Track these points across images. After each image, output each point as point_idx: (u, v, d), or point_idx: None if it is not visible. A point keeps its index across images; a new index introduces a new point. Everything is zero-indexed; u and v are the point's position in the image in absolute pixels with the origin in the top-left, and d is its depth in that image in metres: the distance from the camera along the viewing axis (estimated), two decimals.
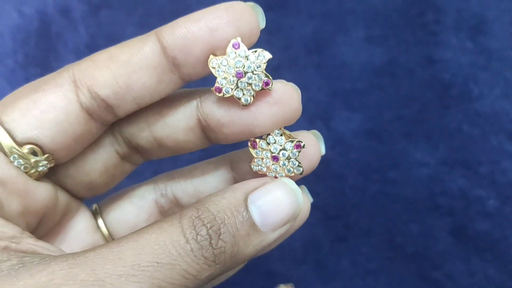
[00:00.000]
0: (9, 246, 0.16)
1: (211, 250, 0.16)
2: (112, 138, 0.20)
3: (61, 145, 0.18)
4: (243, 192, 0.17)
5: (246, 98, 0.17)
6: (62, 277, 0.14)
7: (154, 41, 0.17)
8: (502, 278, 0.36)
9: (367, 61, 0.38)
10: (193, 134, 0.19)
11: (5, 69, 0.41)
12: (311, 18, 0.39)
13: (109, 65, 0.17)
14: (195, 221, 0.16)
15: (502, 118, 0.36)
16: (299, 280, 0.38)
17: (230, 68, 0.17)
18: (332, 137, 0.38)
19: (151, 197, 0.22)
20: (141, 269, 0.15)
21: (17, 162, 0.18)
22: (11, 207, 0.18)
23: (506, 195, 0.36)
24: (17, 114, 0.17)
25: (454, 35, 0.37)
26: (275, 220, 0.17)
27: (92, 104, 0.18)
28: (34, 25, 0.41)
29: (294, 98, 0.18)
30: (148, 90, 0.18)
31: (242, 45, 0.17)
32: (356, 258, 0.38)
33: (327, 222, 0.38)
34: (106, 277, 0.14)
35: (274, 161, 0.18)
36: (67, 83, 0.18)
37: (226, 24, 0.17)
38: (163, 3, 0.40)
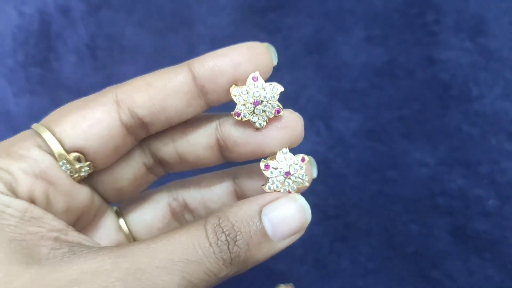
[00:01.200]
0: (59, 237, 0.19)
1: (229, 253, 0.19)
2: (141, 151, 0.24)
3: (102, 155, 0.21)
4: (259, 205, 0.20)
5: (260, 123, 0.21)
6: (110, 265, 0.17)
7: (186, 71, 0.21)
8: (501, 277, 0.36)
9: (367, 61, 0.38)
10: (211, 152, 0.22)
11: (5, 69, 0.41)
12: (311, 18, 0.39)
13: (147, 89, 0.21)
14: (217, 228, 0.19)
15: (502, 118, 0.36)
16: (299, 280, 0.38)
17: (249, 96, 0.21)
18: (332, 137, 0.38)
19: (165, 201, 0.25)
20: (174, 263, 0.18)
21: (64, 167, 0.21)
22: (58, 205, 0.21)
23: (506, 195, 0.36)
24: (68, 126, 0.20)
25: (454, 35, 0.37)
26: (284, 231, 0.20)
27: (131, 121, 0.21)
28: (34, 25, 0.41)
29: (299, 124, 0.22)
30: (178, 112, 0.21)
31: (260, 78, 0.21)
32: (355, 257, 0.38)
33: (327, 221, 0.38)
34: (146, 267, 0.17)
35: (287, 176, 0.21)
36: (110, 102, 0.21)
37: (247, 60, 0.20)
38: (163, 3, 0.40)
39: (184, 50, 0.40)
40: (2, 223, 0.18)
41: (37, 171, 0.20)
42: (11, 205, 0.19)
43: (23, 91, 0.41)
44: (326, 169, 0.38)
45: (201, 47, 0.40)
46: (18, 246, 0.18)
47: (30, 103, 0.41)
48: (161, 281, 0.17)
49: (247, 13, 0.40)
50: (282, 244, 0.20)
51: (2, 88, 0.41)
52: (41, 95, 0.41)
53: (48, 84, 0.41)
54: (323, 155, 0.38)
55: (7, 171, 0.19)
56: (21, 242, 0.18)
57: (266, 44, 0.21)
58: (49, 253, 0.18)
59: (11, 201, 0.19)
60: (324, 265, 0.38)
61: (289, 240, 0.20)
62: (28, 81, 0.41)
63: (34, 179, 0.20)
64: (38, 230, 0.19)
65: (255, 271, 0.39)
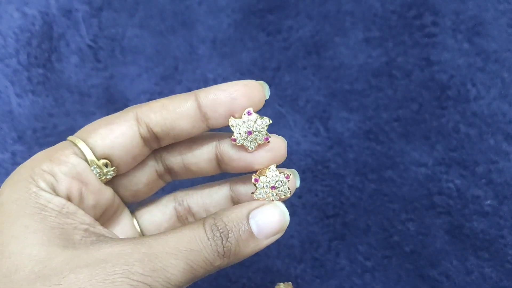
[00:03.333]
0: (89, 229, 0.24)
1: (222, 247, 0.23)
2: (154, 161, 0.28)
3: (124, 161, 0.26)
4: (247, 210, 0.25)
5: (251, 147, 0.26)
6: (130, 249, 0.22)
7: (193, 99, 0.25)
8: (498, 277, 0.36)
9: (366, 62, 0.38)
10: (210, 164, 0.27)
11: (8, 70, 0.41)
12: (310, 20, 0.39)
13: (161, 111, 0.25)
14: (213, 226, 0.24)
15: (499, 119, 0.36)
16: (297, 278, 0.38)
17: (243, 128, 0.25)
18: (331, 137, 0.38)
19: (172, 205, 0.30)
20: (180, 251, 0.22)
21: (95, 170, 0.25)
22: (89, 202, 0.25)
23: (503, 195, 0.36)
24: (98, 137, 0.25)
25: (452, 37, 0.37)
26: (267, 231, 0.24)
27: (147, 135, 0.26)
28: (36, 26, 0.41)
29: (282, 147, 0.26)
30: (184, 131, 0.26)
31: (253, 113, 0.25)
32: (353, 256, 0.38)
33: (325, 221, 0.38)
34: (159, 252, 0.22)
35: (272, 189, 0.26)
36: (132, 119, 0.26)
37: (242, 95, 0.25)
38: (164, 4, 0.41)
39: (184, 51, 0.41)
40: (45, 214, 0.22)
41: (74, 173, 0.24)
42: (52, 201, 0.23)
43: (25, 91, 0.41)
44: (325, 169, 0.38)
45: (202, 48, 0.40)
46: (57, 232, 0.22)
47: (33, 104, 0.41)
48: (170, 264, 0.22)
49: (247, 15, 0.40)
50: (266, 242, 0.25)
51: (5, 89, 0.41)
52: (43, 96, 0.41)
53: (50, 85, 0.41)
54: (321, 155, 0.38)
55: (51, 173, 0.24)
56: (60, 230, 0.22)
57: (260, 82, 0.26)
58: (81, 239, 0.23)
59: (52, 198, 0.23)
60: (322, 264, 0.38)
61: (271, 239, 0.25)
62: (31, 81, 0.41)
63: (71, 180, 0.24)
64: (72, 222, 0.23)
65: (254, 269, 0.40)
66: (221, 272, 0.39)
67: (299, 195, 0.39)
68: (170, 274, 0.22)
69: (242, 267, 0.39)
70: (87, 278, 0.20)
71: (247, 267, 0.39)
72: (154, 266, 0.21)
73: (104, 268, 0.21)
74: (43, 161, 0.24)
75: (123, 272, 0.21)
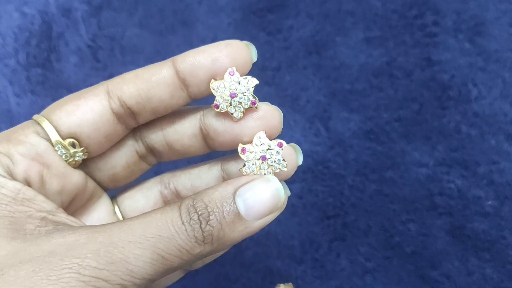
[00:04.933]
0: (47, 217, 0.21)
1: (201, 232, 0.20)
2: (134, 140, 0.26)
3: (95, 141, 0.23)
4: (233, 187, 0.21)
5: (237, 114, 0.22)
6: (86, 238, 0.19)
7: (170, 65, 0.23)
8: (499, 278, 0.36)
9: (366, 62, 0.38)
10: (196, 140, 0.24)
11: (7, 69, 0.41)
12: (310, 19, 0.39)
13: (134, 81, 0.23)
14: (190, 208, 0.20)
15: (501, 119, 0.36)
16: (297, 279, 0.38)
17: (226, 89, 0.22)
18: (331, 137, 0.38)
19: (157, 189, 0.27)
20: (146, 239, 0.19)
21: (60, 151, 0.23)
22: (52, 186, 0.23)
23: (504, 195, 0.36)
24: (63, 114, 0.23)
25: (453, 37, 0.37)
26: (257, 211, 0.21)
27: (120, 110, 0.23)
28: (35, 25, 0.41)
29: (276, 116, 0.23)
30: (163, 103, 0.23)
31: (236, 73, 0.22)
32: (354, 257, 0.38)
33: (326, 221, 0.38)
34: (119, 241, 0.19)
35: (263, 160, 0.22)
36: (102, 93, 0.23)
37: (224, 56, 0.22)
38: (164, 3, 0.41)
39: (184, 51, 0.40)
40: None
41: (33, 154, 0.22)
42: (6, 186, 0.21)
43: (24, 91, 0.41)
44: (325, 169, 0.38)
45: None
46: (6, 222, 0.20)
47: (32, 103, 0.41)
48: (132, 254, 0.19)
49: (247, 14, 0.40)
50: (258, 224, 0.21)
51: (4, 88, 0.41)
52: (42, 95, 0.41)
53: (49, 85, 0.41)
54: (322, 155, 0.38)
55: (6, 155, 0.21)
56: (10, 219, 0.20)
57: (245, 42, 0.23)
58: (35, 229, 0.20)
59: (6, 182, 0.21)
60: (323, 265, 0.38)
61: (263, 220, 0.21)
62: (30, 81, 0.41)
63: (30, 162, 0.22)
64: (27, 210, 0.21)
65: (254, 270, 0.40)
66: (221, 272, 0.39)
67: (300, 196, 0.39)
68: (133, 266, 0.19)
69: (242, 267, 0.39)
70: (28, 274, 0.18)
71: (247, 268, 0.39)
72: (112, 258, 0.18)
73: (49, 263, 0.18)
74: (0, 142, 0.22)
75: (73, 267, 0.18)
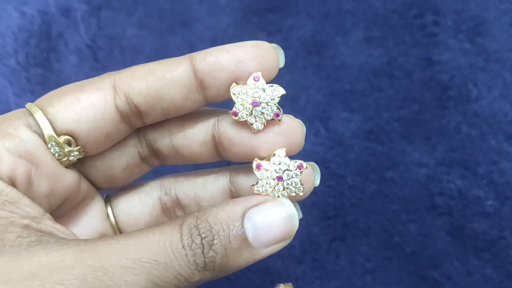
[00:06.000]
0: (30, 225, 0.18)
1: (203, 258, 0.17)
2: (137, 140, 0.23)
3: (93, 140, 0.20)
4: (243, 207, 0.19)
5: (257, 125, 0.20)
6: (72, 260, 0.16)
7: (187, 63, 0.20)
8: (500, 278, 0.36)
9: (366, 62, 0.38)
10: (206, 148, 0.22)
11: (6, 69, 0.41)
12: (310, 19, 0.39)
13: (146, 77, 0.20)
14: (193, 229, 0.18)
15: (501, 119, 0.36)
16: (297, 279, 0.38)
17: (248, 97, 0.20)
18: (331, 137, 0.38)
19: (156, 194, 0.24)
20: (141, 264, 0.17)
21: (53, 149, 0.20)
22: (40, 188, 0.20)
23: (505, 196, 0.36)
24: (61, 107, 0.20)
25: (453, 36, 0.37)
26: (268, 238, 0.19)
27: (126, 109, 0.20)
28: (35, 25, 0.41)
29: (299, 132, 0.21)
30: (175, 104, 0.20)
31: (262, 79, 0.20)
32: (354, 257, 0.38)
33: (326, 221, 0.38)
34: (110, 265, 0.16)
35: (278, 181, 0.20)
36: (107, 87, 0.20)
37: (250, 58, 0.20)
38: (164, 3, 0.41)
39: (184, 51, 0.40)
40: None
41: (21, 150, 0.19)
42: None
43: (24, 91, 0.41)
44: (325, 170, 0.38)
45: (201, 48, 0.40)
46: None
47: None
48: (124, 281, 0.16)
49: (247, 14, 0.40)
50: (265, 252, 0.19)
51: (3, 88, 0.41)
52: (42, 96, 0.41)
53: (49, 85, 0.41)
54: (322, 155, 0.38)
55: None
56: None
57: (273, 44, 0.21)
58: (15, 240, 0.17)
59: None
60: (323, 265, 0.38)
61: (272, 248, 0.19)
62: (29, 81, 0.41)
63: (17, 159, 0.19)
64: (9, 215, 0.18)
65: (253, 270, 0.40)
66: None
67: None
68: None
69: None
70: None
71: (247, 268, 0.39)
72: (101, 286, 0.16)
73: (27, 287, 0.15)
74: None
75: None
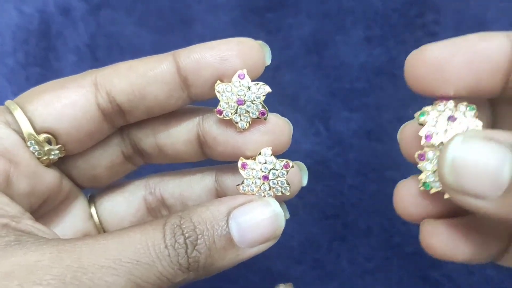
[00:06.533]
0: (9, 224, 0.17)
1: (186, 258, 0.17)
2: (120, 139, 0.22)
3: (74, 139, 0.20)
4: (228, 207, 0.18)
5: (242, 124, 0.19)
6: (50, 260, 0.16)
7: (170, 60, 0.19)
8: (500, 278, 0.36)
9: (367, 61, 0.38)
10: (191, 147, 0.21)
11: (6, 68, 0.41)
12: (310, 18, 0.39)
13: (128, 74, 0.20)
14: (176, 229, 0.17)
15: None
16: (297, 280, 0.38)
17: (233, 95, 0.19)
18: (331, 137, 0.38)
19: (141, 194, 0.24)
20: (121, 264, 0.16)
21: (32, 147, 0.20)
22: (19, 187, 0.19)
23: None
24: (40, 104, 0.20)
25: (454, 36, 0.37)
26: (253, 238, 0.18)
27: (108, 107, 0.20)
28: (34, 24, 0.41)
29: (285, 131, 0.20)
30: (158, 102, 0.20)
31: (247, 77, 0.19)
32: (354, 257, 0.38)
33: (326, 221, 0.38)
34: (89, 266, 0.16)
35: (264, 180, 0.19)
36: (88, 85, 0.20)
37: (235, 56, 0.19)
38: (163, 2, 0.40)
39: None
40: None
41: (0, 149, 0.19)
42: None
43: (23, 90, 0.41)
44: (325, 169, 0.38)
45: None
46: None
47: None
48: (104, 282, 0.16)
49: (246, 13, 0.40)
50: (250, 252, 0.18)
51: (2, 88, 0.41)
52: None
53: None
54: (322, 155, 0.38)
55: None
56: None
57: (259, 41, 0.20)
58: None
59: None
60: (323, 265, 0.38)
61: (258, 248, 0.19)
62: (28, 80, 0.41)
63: None
64: None
65: (253, 270, 0.39)
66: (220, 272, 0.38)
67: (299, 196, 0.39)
68: None
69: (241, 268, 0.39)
70: None
71: (247, 268, 0.39)
72: (80, 286, 0.15)
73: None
74: None
75: None
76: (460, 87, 0.18)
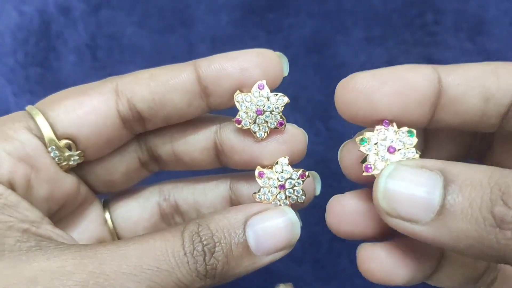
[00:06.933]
0: (30, 229, 0.18)
1: (204, 265, 0.17)
2: (137, 146, 0.23)
3: (94, 145, 0.20)
4: (244, 215, 0.19)
5: (260, 133, 0.20)
6: (73, 266, 0.16)
7: (191, 69, 0.20)
8: None
9: (367, 61, 0.38)
10: (207, 155, 0.22)
11: (6, 68, 0.41)
12: (310, 18, 0.39)
13: (149, 82, 0.20)
14: (194, 236, 0.18)
15: None
16: (298, 280, 0.38)
17: (252, 105, 0.20)
18: (331, 136, 0.38)
19: (155, 200, 0.24)
20: (142, 270, 0.16)
21: (53, 153, 0.20)
22: (39, 192, 0.20)
23: None
24: (62, 111, 0.20)
25: (454, 36, 0.37)
26: (269, 246, 0.19)
27: (128, 114, 0.20)
28: (34, 24, 0.41)
29: (301, 141, 0.21)
30: (178, 111, 0.20)
31: (266, 87, 0.20)
32: (355, 257, 0.38)
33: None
34: (111, 272, 0.16)
35: (281, 189, 0.20)
36: (109, 92, 0.20)
37: (255, 66, 0.20)
38: (163, 2, 0.40)
39: (183, 50, 0.40)
40: None
41: (21, 153, 0.19)
42: None
43: (23, 90, 0.41)
44: (326, 169, 0.38)
45: (201, 47, 0.40)
46: None
47: (30, 103, 0.41)
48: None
49: (247, 13, 0.40)
50: (266, 260, 0.19)
51: (2, 88, 0.41)
52: (41, 95, 0.40)
53: (48, 84, 0.41)
54: (322, 155, 0.38)
55: None
56: None
57: (278, 53, 0.21)
58: (15, 245, 0.17)
59: None
60: (323, 265, 0.38)
61: (273, 256, 0.19)
62: (28, 80, 0.41)
63: (17, 162, 0.19)
64: (8, 219, 0.18)
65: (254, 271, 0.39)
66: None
67: None
68: None
69: None
70: None
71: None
72: None
73: None
74: None
75: None
76: (388, 116, 0.19)
